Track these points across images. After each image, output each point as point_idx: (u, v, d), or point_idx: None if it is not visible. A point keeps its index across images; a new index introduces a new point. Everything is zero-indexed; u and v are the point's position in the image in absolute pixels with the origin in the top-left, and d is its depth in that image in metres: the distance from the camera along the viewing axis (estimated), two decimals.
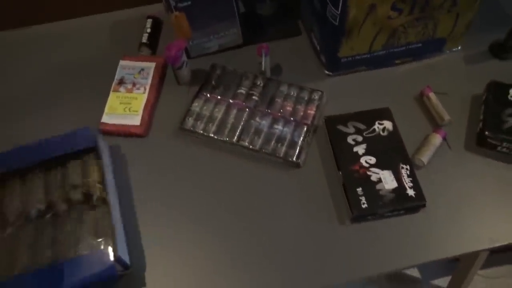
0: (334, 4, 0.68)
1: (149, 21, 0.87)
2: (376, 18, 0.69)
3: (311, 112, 0.74)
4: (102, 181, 0.64)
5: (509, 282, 1.38)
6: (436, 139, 0.71)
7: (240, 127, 0.73)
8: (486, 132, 0.69)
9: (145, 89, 0.78)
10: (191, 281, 0.62)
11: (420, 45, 0.78)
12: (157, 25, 0.87)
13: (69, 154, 0.66)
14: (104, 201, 0.62)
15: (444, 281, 1.38)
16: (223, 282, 0.62)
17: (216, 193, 0.69)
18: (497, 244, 0.64)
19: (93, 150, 0.67)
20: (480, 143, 0.71)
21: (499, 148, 0.70)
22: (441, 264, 1.41)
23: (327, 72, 0.80)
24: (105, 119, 0.75)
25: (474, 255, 1.10)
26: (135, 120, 0.75)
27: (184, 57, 0.77)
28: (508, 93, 0.72)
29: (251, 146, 0.71)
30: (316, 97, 0.76)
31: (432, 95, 0.75)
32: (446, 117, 0.73)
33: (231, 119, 0.74)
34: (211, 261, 0.63)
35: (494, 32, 0.82)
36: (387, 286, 1.38)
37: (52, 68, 0.85)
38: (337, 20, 0.69)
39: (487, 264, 1.37)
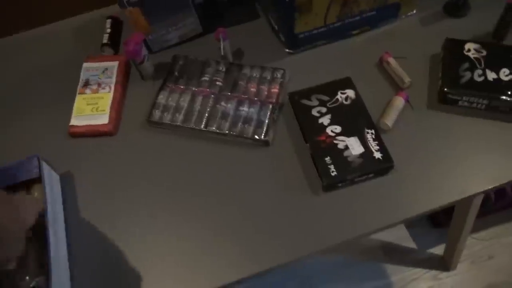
0: None
1: (109, 21, 0.88)
2: None
3: (275, 90, 0.76)
4: (45, 215, 0.61)
5: (502, 242, 1.39)
6: (399, 102, 0.72)
7: (207, 113, 0.74)
8: (445, 89, 0.71)
9: (110, 88, 0.79)
10: (176, 271, 0.63)
11: (374, 12, 0.79)
12: (117, 24, 0.88)
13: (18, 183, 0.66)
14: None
15: (439, 248, 1.40)
16: (206, 260, 0.63)
17: (190, 180, 0.70)
18: (466, 195, 0.65)
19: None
20: (442, 100, 0.72)
21: (460, 102, 0.71)
22: (435, 232, 1.43)
23: (287, 50, 0.81)
24: (73, 121, 0.76)
25: (462, 218, 1.12)
26: (103, 119, 0.76)
27: (145, 51, 0.78)
28: (464, 49, 0.73)
29: (218, 131, 0.73)
30: (279, 75, 0.77)
31: (391, 60, 0.76)
32: (406, 79, 0.74)
33: (197, 107, 0.75)
34: (193, 245, 0.64)
35: None
36: (383, 258, 1.39)
37: (18, 77, 0.85)
38: None
39: (479, 227, 1.39)
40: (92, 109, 0.77)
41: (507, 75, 0.70)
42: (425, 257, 1.41)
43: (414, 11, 0.83)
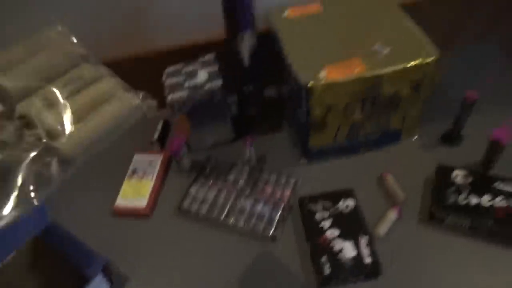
0: (301, 105, 0.85)
1: (161, 122, 1.07)
2: (335, 115, 0.86)
3: (287, 193, 0.89)
4: None
5: None
6: (392, 215, 0.83)
7: (228, 207, 0.88)
8: (434, 208, 0.81)
9: (152, 176, 0.96)
10: None
11: (378, 136, 0.93)
12: (166, 126, 1.07)
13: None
14: None
15: None
16: None
17: (205, 263, 0.82)
18: None
19: None
20: (431, 217, 0.82)
21: (446, 221, 0.81)
22: None
23: (302, 160, 0.96)
24: (118, 202, 0.92)
25: None
26: (142, 202, 0.91)
27: (185, 150, 0.95)
28: (452, 175, 0.85)
29: (235, 223, 0.86)
30: (292, 181, 0.91)
31: (389, 177, 0.89)
32: (401, 195, 0.86)
33: (220, 200, 0.90)
34: None
35: (448, 120, 0.96)
36: None
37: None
38: (305, 117, 0.87)
39: None
40: (134, 193, 0.93)
41: (488, 202, 0.80)
42: None
43: (416, 137, 0.97)
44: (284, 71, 0.89)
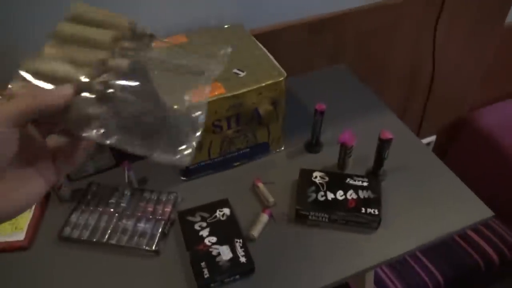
0: None
1: None
2: (205, 133, 0.94)
3: (168, 209, 0.94)
4: None
5: None
6: (264, 217, 0.92)
7: (110, 229, 0.91)
8: (297, 206, 0.92)
9: (31, 209, 0.94)
10: None
11: (248, 150, 1.03)
12: None
13: None
14: None
15: None
16: None
17: (91, 286, 0.83)
18: (321, 285, 0.82)
19: None
20: (297, 215, 0.93)
21: (309, 217, 0.92)
22: None
23: (182, 178, 1.02)
24: None
25: None
26: (20, 236, 0.90)
27: (63, 180, 0.96)
28: (312, 176, 0.97)
29: (118, 243, 0.88)
30: (172, 197, 0.96)
31: (260, 184, 0.98)
32: (271, 199, 0.95)
33: (102, 224, 0.91)
34: None
35: (309, 131, 1.09)
36: None
37: None
38: None
39: None
40: (11, 228, 0.91)
41: (341, 196, 0.92)
42: None
43: (282, 148, 1.09)
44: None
